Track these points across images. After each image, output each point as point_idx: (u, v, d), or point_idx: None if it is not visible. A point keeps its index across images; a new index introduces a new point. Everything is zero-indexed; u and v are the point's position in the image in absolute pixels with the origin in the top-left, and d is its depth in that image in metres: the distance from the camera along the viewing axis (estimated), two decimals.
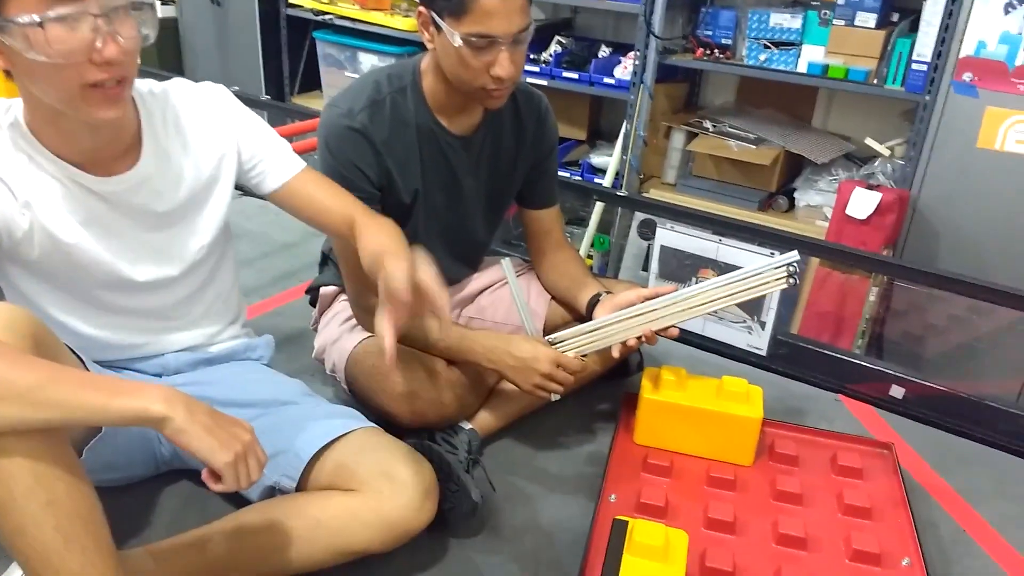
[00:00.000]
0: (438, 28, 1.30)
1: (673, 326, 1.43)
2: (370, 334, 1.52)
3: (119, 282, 1.21)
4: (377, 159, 1.41)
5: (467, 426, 1.54)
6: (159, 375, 1.35)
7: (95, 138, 1.13)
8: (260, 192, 1.31)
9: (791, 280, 1.39)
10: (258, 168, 1.29)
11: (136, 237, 1.21)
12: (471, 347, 1.45)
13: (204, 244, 1.29)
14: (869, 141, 2.71)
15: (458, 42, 1.27)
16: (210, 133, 1.26)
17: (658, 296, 1.44)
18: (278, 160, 1.30)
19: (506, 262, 1.46)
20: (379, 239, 1.19)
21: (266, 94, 3.68)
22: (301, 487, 1.21)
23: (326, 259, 1.68)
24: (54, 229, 1.14)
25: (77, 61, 0.99)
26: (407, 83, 1.43)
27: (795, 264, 1.38)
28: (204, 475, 0.97)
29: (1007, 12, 2.24)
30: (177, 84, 1.27)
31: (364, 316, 1.51)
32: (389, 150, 1.42)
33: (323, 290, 1.66)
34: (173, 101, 1.24)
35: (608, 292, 1.57)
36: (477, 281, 1.73)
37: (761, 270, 1.41)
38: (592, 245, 3.04)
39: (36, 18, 0.96)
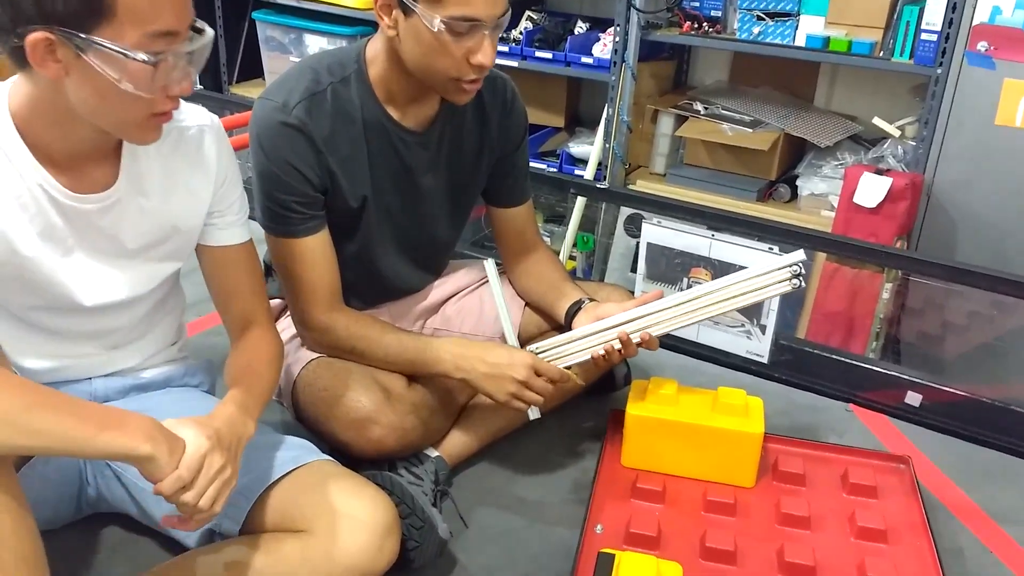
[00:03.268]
0: (405, 11, 1.30)
1: (650, 335, 1.45)
2: (318, 354, 1.52)
3: (64, 304, 1.22)
4: (318, 158, 1.40)
5: (433, 453, 1.54)
6: None
7: (93, 140, 1.15)
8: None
9: (795, 283, 1.40)
10: (212, 220, 1.32)
11: (94, 261, 1.22)
12: (437, 356, 1.46)
13: (164, 276, 1.31)
14: (877, 121, 2.73)
15: (438, 27, 1.27)
16: (196, 174, 1.27)
17: (644, 305, 1.45)
18: (233, 221, 1.34)
19: (489, 264, 1.47)
20: (243, 383, 1.24)
21: (200, 84, 3.65)
22: (246, 530, 1.20)
23: (269, 269, 1.66)
24: (13, 237, 1.14)
25: (157, 96, 1.07)
26: (350, 72, 1.43)
27: (800, 265, 1.40)
28: (165, 521, 1.03)
29: None
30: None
31: (309, 335, 1.51)
32: (332, 148, 1.41)
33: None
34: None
35: (591, 299, 1.57)
36: (441, 288, 1.74)
37: (761, 272, 1.42)
38: (574, 245, 3.03)
39: (142, 56, 1.02)
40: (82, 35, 0.99)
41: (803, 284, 1.41)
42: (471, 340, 1.51)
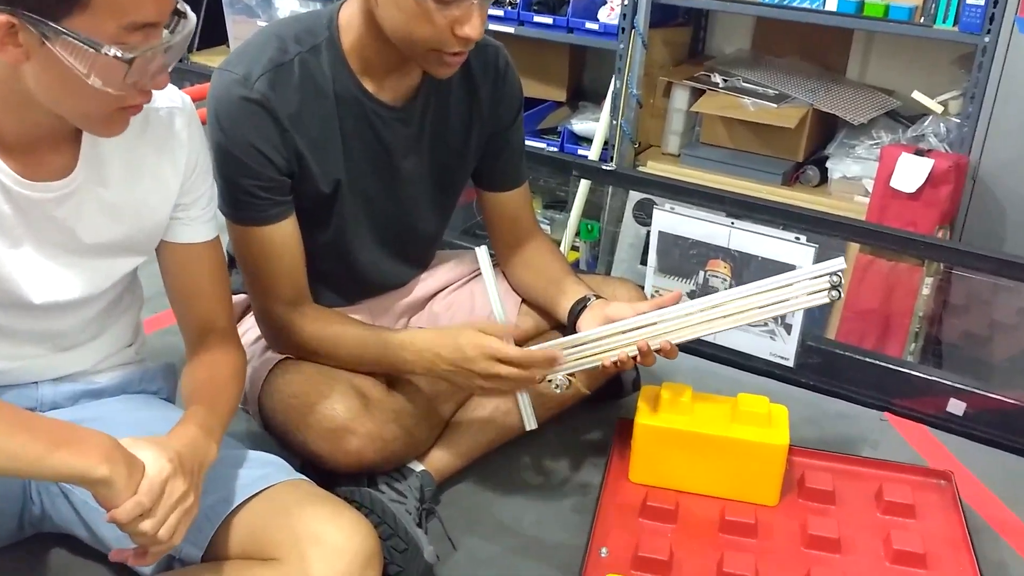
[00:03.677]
0: None
1: (671, 345, 1.44)
2: (286, 355, 1.51)
3: (9, 301, 1.21)
4: (283, 138, 1.39)
5: (418, 467, 1.53)
6: (31, 410, 1.31)
7: (51, 125, 1.14)
8: None
9: (834, 294, 1.41)
10: (177, 214, 1.31)
11: (44, 256, 1.21)
12: (400, 356, 1.45)
13: (123, 273, 1.31)
14: (917, 95, 2.73)
15: None
16: (164, 162, 1.26)
17: (661, 309, 1.45)
18: (199, 216, 1.33)
19: (481, 252, 1.45)
20: (202, 398, 1.24)
21: None
22: (209, 556, 1.20)
23: (234, 260, 1.64)
24: None
25: (128, 92, 1.07)
26: (321, 40, 1.42)
27: (839, 275, 1.40)
28: (115, 555, 1.05)
29: None
30: None
31: (270, 333, 1.51)
32: (299, 126, 1.40)
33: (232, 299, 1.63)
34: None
35: (597, 296, 1.56)
36: (427, 282, 1.73)
37: (795, 280, 1.42)
38: (577, 234, 3.03)
39: (115, 51, 1.00)
40: (51, 23, 0.98)
41: (842, 295, 1.41)
42: (436, 329, 1.50)
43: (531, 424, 1.50)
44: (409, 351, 1.45)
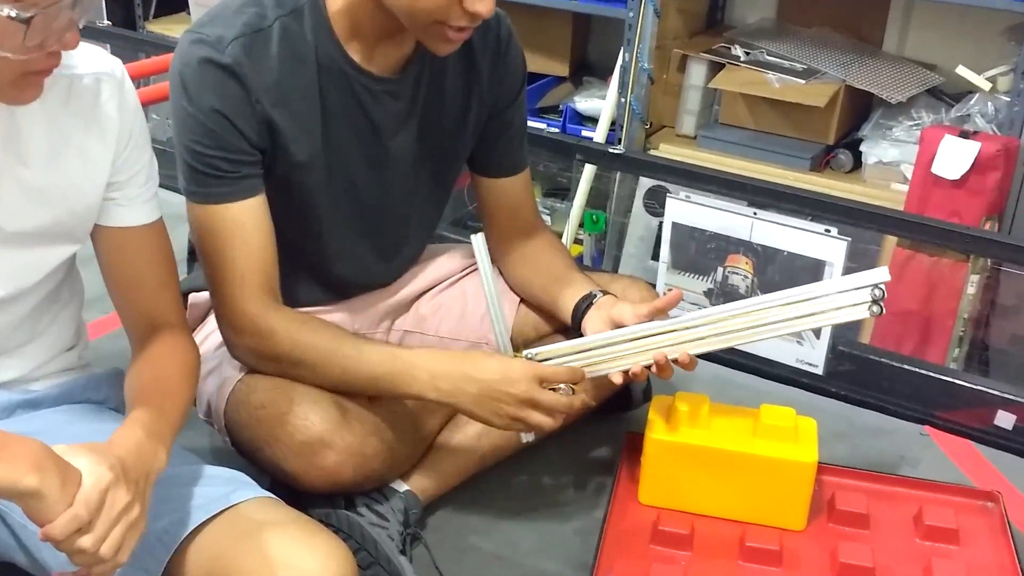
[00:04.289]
0: None
1: (690, 356, 1.45)
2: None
3: None
4: (254, 110, 1.40)
5: (402, 487, 1.54)
6: None
7: None
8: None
9: (875, 309, 1.42)
10: (111, 194, 1.29)
11: None
12: (410, 373, 1.43)
13: (55, 264, 1.29)
14: (962, 70, 2.73)
15: None
16: (92, 135, 1.25)
17: (670, 307, 1.45)
18: (137, 195, 1.31)
19: (478, 239, 1.45)
20: (148, 403, 1.21)
21: (108, 19, 3.62)
22: None
23: (195, 253, 1.64)
24: None
25: (31, 56, 1.05)
26: (303, 2, 1.42)
27: (882, 288, 1.42)
28: None
29: None
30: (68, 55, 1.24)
31: (237, 340, 1.48)
32: (275, 99, 1.41)
33: (192, 298, 1.64)
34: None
35: (604, 292, 1.57)
36: (414, 281, 1.73)
37: (832, 291, 1.43)
38: (581, 226, 3.03)
39: (10, 11, 0.99)
40: None
41: (883, 311, 1.42)
42: (451, 352, 1.49)
43: (527, 436, 1.50)
44: (423, 371, 1.42)
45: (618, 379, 1.48)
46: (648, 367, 1.46)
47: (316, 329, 1.47)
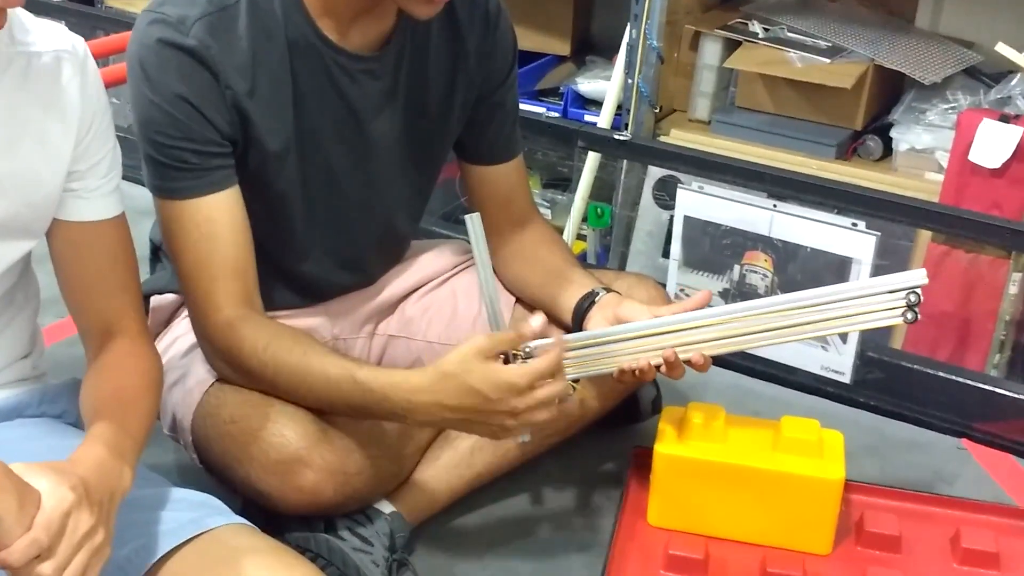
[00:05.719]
0: None
1: (704, 357, 1.44)
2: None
3: None
4: (223, 96, 1.39)
5: (387, 508, 1.54)
6: None
7: None
8: None
9: (909, 316, 1.42)
10: (70, 185, 1.29)
11: None
12: (387, 409, 1.40)
13: (10, 262, 1.29)
14: (1002, 48, 2.71)
15: None
16: (51, 119, 1.24)
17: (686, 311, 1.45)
18: (98, 188, 1.31)
19: (474, 219, 1.42)
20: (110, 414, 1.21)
21: None
22: None
23: (159, 252, 1.66)
24: None
25: None
26: None
27: (918, 292, 1.41)
28: None
29: None
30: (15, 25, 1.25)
31: (210, 348, 1.48)
32: (244, 82, 1.40)
33: (155, 300, 1.64)
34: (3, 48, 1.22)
35: (608, 290, 1.57)
36: (399, 280, 1.73)
37: (862, 294, 1.43)
38: (584, 220, 3.04)
39: None
40: None
41: (918, 317, 1.42)
42: (422, 371, 1.43)
43: (524, 436, 1.47)
44: (402, 403, 1.38)
45: (626, 366, 1.45)
46: (657, 366, 1.45)
47: (287, 348, 1.44)
